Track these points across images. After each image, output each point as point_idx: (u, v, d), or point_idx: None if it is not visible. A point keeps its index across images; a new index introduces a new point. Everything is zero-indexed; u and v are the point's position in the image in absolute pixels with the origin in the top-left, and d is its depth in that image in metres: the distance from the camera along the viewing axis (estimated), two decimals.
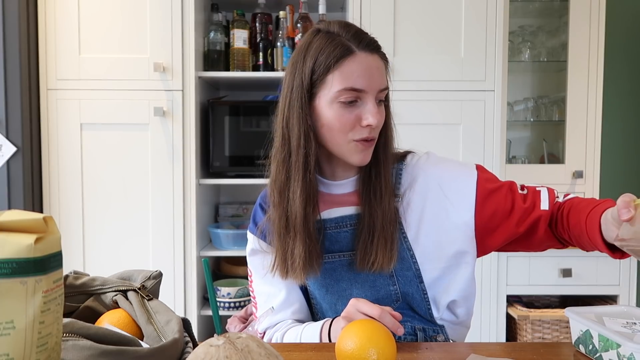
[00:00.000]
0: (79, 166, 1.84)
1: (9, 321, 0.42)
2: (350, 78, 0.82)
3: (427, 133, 1.87)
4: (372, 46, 0.85)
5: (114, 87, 1.83)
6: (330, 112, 0.84)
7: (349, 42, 0.83)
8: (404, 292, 0.91)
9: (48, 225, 0.45)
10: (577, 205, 0.84)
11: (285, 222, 0.89)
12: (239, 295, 1.90)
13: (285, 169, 0.88)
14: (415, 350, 0.78)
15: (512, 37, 2.32)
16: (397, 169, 0.94)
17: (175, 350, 0.57)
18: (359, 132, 0.84)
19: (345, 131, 0.84)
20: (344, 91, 0.82)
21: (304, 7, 1.98)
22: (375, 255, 0.86)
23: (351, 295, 0.92)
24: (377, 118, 0.83)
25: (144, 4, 1.82)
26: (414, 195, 0.91)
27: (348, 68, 0.82)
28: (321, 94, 0.85)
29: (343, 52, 0.82)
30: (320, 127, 0.86)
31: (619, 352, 0.68)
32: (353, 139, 0.85)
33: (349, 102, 0.83)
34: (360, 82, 0.82)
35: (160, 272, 0.74)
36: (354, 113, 0.84)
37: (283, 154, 0.88)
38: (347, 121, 0.84)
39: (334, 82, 0.83)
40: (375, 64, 0.84)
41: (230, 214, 2.25)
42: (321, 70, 0.83)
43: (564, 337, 1.93)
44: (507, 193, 0.89)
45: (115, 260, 1.85)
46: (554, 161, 2.37)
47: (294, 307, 0.96)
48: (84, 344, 0.51)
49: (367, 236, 0.88)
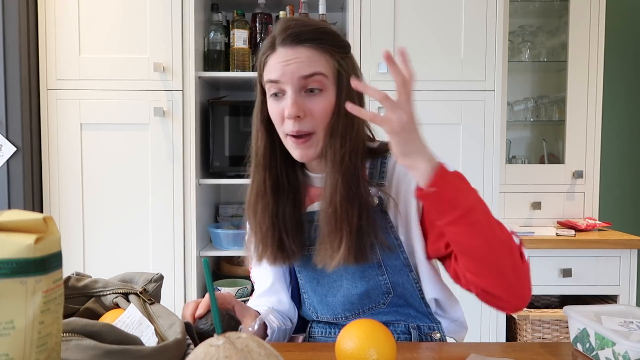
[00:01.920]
0: (79, 166, 1.84)
1: (9, 321, 0.42)
2: (269, 72, 0.86)
3: (427, 133, 1.85)
4: (291, 40, 0.84)
5: (114, 87, 1.83)
6: (269, 107, 0.89)
7: (274, 39, 0.86)
8: (394, 282, 0.90)
9: (48, 225, 0.45)
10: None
11: (255, 217, 0.92)
12: (239, 295, 1.90)
13: (253, 165, 0.93)
14: (415, 350, 0.78)
15: (512, 37, 2.32)
16: (382, 160, 0.92)
17: (178, 351, 0.57)
18: (286, 126, 0.86)
19: (278, 125, 0.88)
20: (267, 83, 0.87)
21: (304, 7, 1.98)
22: (330, 250, 0.85)
23: (341, 287, 0.92)
24: (291, 108, 0.82)
25: (144, 4, 1.82)
26: (400, 184, 0.90)
27: (270, 62, 0.86)
28: (266, 90, 0.90)
29: (267, 48, 0.87)
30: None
31: (615, 350, 0.68)
32: (285, 132, 0.87)
33: (274, 95, 0.86)
34: (274, 73, 0.84)
35: (162, 275, 0.74)
36: (281, 106, 0.86)
37: (252, 151, 0.93)
38: (276, 114, 0.87)
39: (264, 77, 0.88)
40: (295, 55, 0.83)
41: (230, 214, 2.25)
42: (259, 68, 0.90)
43: (563, 337, 1.93)
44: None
45: (115, 260, 1.85)
46: (554, 161, 2.37)
47: (278, 296, 0.98)
48: (87, 343, 0.51)
49: (323, 231, 0.86)
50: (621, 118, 2.53)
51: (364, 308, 0.92)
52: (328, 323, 0.96)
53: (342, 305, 0.92)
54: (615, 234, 2.06)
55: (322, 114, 0.85)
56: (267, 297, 0.98)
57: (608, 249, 1.96)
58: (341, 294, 0.92)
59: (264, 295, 0.99)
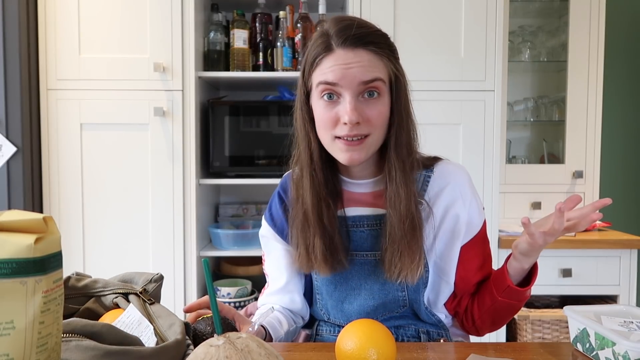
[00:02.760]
0: (79, 166, 1.84)
1: (9, 321, 0.42)
2: (325, 73, 0.83)
3: (427, 133, 1.85)
4: (353, 42, 0.81)
5: (114, 87, 1.83)
6: (317, 109, 0.86)
7: (331, 40, 0.83)
8: (412, 299, 0.91)
9: (48, 225, 0.45)
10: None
11: (303, 217, 0.91)
12: (239, 295, 1.90)
13: (299, 166, 0.92)
14: (415, 350, 0.78)
15: (512, 37, 2.32)
16: (425, 176, 0.93)
17: (177, 351, 0.57)
18: (339, 129, 0.84)
19: (328, 128, 0.85)
20: (320, 85, 0.84)
21: (304, 7, 1.98)
22: (402, 265, 0.86)
23: (359, 296, 0.91)
24: (351, 115, 0.80)
25: (144, 4, 1.82)
26: (437, 205, 0.91)
27: (325, 64, 0.83)
28: (312, 91, 0.87)
29: (323, 49, 0.83)
30: (316, 125, 0.88)
31: (614, 350, 0.68)
32: (335, 135, 0.85)
33: (328, 98, 0.84)
34: (332, 76, 0.82)
35: (162, 276, 0.74)
36: (334, 110, 0.83)
37: (296, 151, 0.92)
38: (328, 118, 0.84)
39: (315, 78, 0.85)
40: (356, 59, 0.81)
41: (230, 214, 2.25)
42: (308, 69, 0.86)
43: (564, 337, 1.93)
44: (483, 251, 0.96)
45: (115, 260, 1.85)
46: (554, 161, 2.37)
47: (291, 295, 0.97)
48: (87, 344, 0.51)
49: (392, 245, 0.87)
50: (621, 118, 2.53)
51: (378, 316, 0.92)
52: (338, 325, 0.96)
53: (357, 314, 0.92)
54: (615, 234, 2.06)
55: (379, 119, 0.84)
56: (280, 296, 0.97)
57: (608, 249, 1.96)
58: (358, 303, 0.92)
59: (277, 293, 0.98)
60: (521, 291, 0.86)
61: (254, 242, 1.92)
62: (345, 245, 0.90)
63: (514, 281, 0.87)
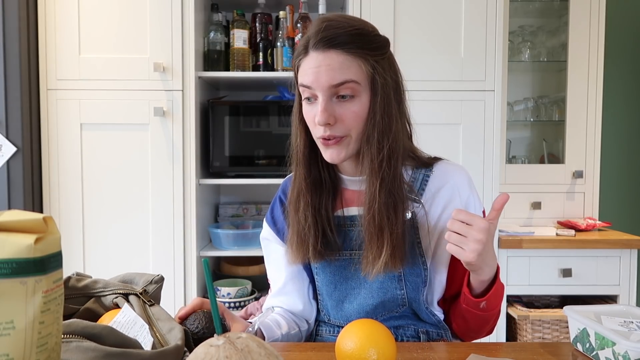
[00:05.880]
0: (79, 166, 1.84)
1: (9, 321, 0.42)
2: (302, 76, 0.85)
3: (427, 133, 1.86)
4: (323, 44, 0.81)
5: (114, 87, 1.82)
6: (303, 110, 0.88)
7: (308, 42, 0.84)
8: (411, 298, 0.91)
9: (48, 225, 0.45)
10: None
11: (297, 213, 0.92)
12: (239, 295, 1.90)
13: (294, 163, 0.93)
14: (415, 350, 0.78)
15: (512, 37, 2.32)
16: (424, 175, 0.93)
17: (176, 357, 0.57)
18: (316, 130, 0.86)
19: (311, 128, 0.87)
20: (300, 87, 0.86)
21: (304, 7, 1.98)
22: (371, 257, 0.86)
23: (359, 295, 0.92)
24: (320, 117, 0.82)
25: (144, 3, 1.82)
26: (435, 204, 0.91)
27: (302, 67, 0.85)
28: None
29: (301, 51, 0.86)
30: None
31: (614, 350, 0.68)
32: (316, 135, 0.87)
33: (308, 100, 0.86)
34: (307, 79, 0.83)
35: (162, 277, 0.74)
36: (313, 111, 0.85)
37: (293, 149, 0.94)
38: (309, 119, 0.87)
39: (298, 80, 0.87)
40: (326, 61, 0.81)
41: (230, 214, 2.25)
42: (295, 70, 0.89)
43: (564, 337, 1.93)
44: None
45: (115, 260, 1.85)
46: (554, 161, 2.37)
47: (289, 297, 0.97)
48: (88, 345, 0.51)
49: (365, 238, 0.87)
50: (621, 118, 2.53)
51: (377, 316, 0.92)
52: (338, 325, 0.96)
53: (357, 314, 0.92)
54: (615, 234, 2.06)
55: (354, 120, 0.84)
56: (281, 298, 0.98)
57: (608, 249, 1.96)
58: (357, 303, 0.92)
59: (276, 295, 0.98)
60: (475, 301, 0.85)
61: (254, 242, 1.92)
62: (336, 243, 0.92)
63: (476, 290, 0.87)
